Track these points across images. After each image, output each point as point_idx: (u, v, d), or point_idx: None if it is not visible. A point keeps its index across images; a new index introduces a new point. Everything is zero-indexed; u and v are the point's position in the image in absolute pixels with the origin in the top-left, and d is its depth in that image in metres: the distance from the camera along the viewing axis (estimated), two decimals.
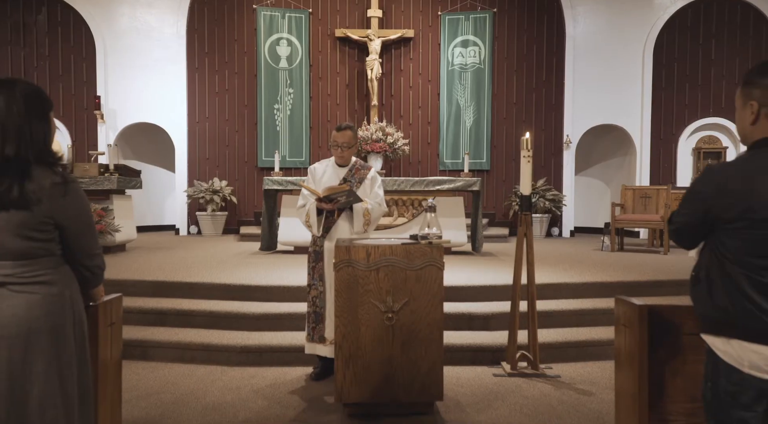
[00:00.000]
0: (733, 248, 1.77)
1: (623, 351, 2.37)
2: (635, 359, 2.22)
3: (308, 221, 3.79)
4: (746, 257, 1.74)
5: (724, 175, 1.78)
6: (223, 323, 4.67)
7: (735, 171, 1.77)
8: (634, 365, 2.24)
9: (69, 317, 1.87)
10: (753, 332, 1.72)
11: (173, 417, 3.28)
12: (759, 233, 1.71)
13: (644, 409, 2.24)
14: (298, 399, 3.58)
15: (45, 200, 1.79)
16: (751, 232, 1.72)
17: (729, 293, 1.77)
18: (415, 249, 3.26)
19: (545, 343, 4.36)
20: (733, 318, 1.75)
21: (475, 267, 6.15)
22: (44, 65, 10.11)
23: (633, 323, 2.20)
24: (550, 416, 3.35)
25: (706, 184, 1.82)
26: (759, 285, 1.71)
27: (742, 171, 1.76)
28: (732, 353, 1.74)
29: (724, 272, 1.79)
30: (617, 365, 2.44)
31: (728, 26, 10.07)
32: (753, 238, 1.72)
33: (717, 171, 1.82)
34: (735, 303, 1.75)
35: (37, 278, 1.81)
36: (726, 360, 1.76)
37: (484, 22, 10.48)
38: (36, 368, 1.78)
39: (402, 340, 3.25)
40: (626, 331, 2.27)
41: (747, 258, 1.74)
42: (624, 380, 2.38)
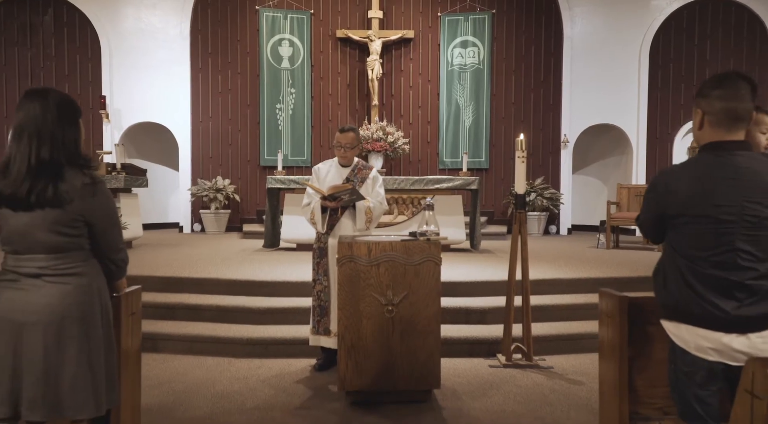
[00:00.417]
0: (679, 242, 1.96)
1: (606, 342, 2.54)
2: (616, 348, 2.40)
3: (313, 218, 3.97)
4: (689, 250, 1.93)
5: (672, 177, 1.98)
6: (230, 317, 4.85)
7: (681, 173, 1.96)
8: (616, 354, 2.41)
9: (97, 306, 2.05)
10: (697, 318, 1.91)
11: (185, 404, 3.46)
12: (698, 228, 1.89)
13: (624, 395, 2.41)
14: (303, 388, 3.77)
15: (76, 200, 1.97)
16: (692, 227, 1.91)
17: (677, 283, 1.96)
18: (414, 245, 3.44)
19: (539, 336, 4.54)
20: (682, 305, 1.94)
21: (473, 264, 6.33)
22: (50, 65, 10.29)
23: (614, 314, 2.38)
24: (541, 403, 3.53)
25: (658, 185, 2.03)
26: (700, 275, 1.90)
27: (687, 173, 1.95)
28: (682, 336, 1.93)
29: (674, 264, 1.98)
30: (601, 355, 2.61)
31: (723, 27, 10.23)
32: (694, 233, 1.91)
33: (666, 173, 2.03)
34: (682, 292, 1.94)
35: (69, 270, 2.00)
36: (678, 344, 1.96)
37: (483, 23, 10.64)
38: (68, 352, 1.97)
39: (401, 331, 3.43)
40: (608, 321, 2.45)
41: (690, 251, 1.93)
42: (606, 368, 2.55)
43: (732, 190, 1.87)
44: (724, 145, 1.93)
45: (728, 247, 1.87)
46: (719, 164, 1.90)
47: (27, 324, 1.94)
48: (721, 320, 1.87)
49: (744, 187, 1.87)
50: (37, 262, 1.97)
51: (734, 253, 1.86)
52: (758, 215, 1.86)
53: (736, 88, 1.92)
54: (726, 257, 1.87)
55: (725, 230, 1.87)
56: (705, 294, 1.89)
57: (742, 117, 1.93)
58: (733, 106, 1.92)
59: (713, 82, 1.97)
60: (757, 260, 1.87)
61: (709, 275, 1.89)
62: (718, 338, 1.87)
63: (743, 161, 1.90)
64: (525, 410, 3.42)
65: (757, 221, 1.86)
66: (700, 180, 1.90)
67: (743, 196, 1.86)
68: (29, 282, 1.97)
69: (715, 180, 1.88)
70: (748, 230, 1.86)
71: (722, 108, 1.93)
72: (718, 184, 1.88)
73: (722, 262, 1.88)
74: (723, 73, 2.01)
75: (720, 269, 1.88)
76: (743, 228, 1.86)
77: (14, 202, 1.94)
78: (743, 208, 1.86)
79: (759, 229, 1.87)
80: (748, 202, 1.86)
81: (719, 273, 1.88)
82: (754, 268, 1.86)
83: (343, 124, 10.44)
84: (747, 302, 1.86)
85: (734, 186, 1.87)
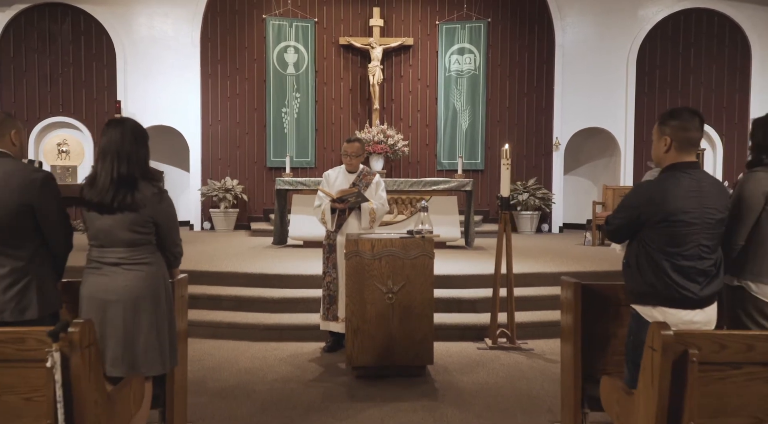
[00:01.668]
0: (656, 241, 2.48)
1: (565, 326, 3.09)
2: (572, 324, 2.96)
3: (323, 218, 4.53)
4: (665, 247, 2.46)
5: (651, 191, 2.49)
6: (247, 306, 5.42)
7: (657, 188, 2.49)
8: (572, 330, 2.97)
9: (162, 288, 2.62)
10: (671, 300, 2.44)
11: (215, 377, 4.04)
12: (674, 230, 2.43)
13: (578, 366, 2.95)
14: (315, 365, 4.34)
15: (148, 205, 2.53)
16: (669, 229, 2.44)
17: (655, 273, 2.47)
18: (411, 242, 4.01)
19: (524, 322, 5.11)
20: (658, 291, 2.45)
21: (466, 259, 6.90)
22: (68, 72, 10.83)
23: (570, 297, 2.95)
24: (520, 378, 4.11)
25: (639, 197, 2.53)
26: (674, 267, 2.44)
27: (661, 188, 2.48)
28: (654, 316, 2.44)
29: (650, 258, 2.49)
30: (562, 335, 3.16)
31: (706, 36, 10.79)
32: (670, 233, 2.45)
33: (646, 188, 2.55)
34: (659, 280, 2.46)
35: (141, 260, 2.56)
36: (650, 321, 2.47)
37: (479, 31, 11.18)
38: (141, 322, 2.54)
39: (400, 315, 4.00)
40: (567, 303, 3.02)
41: (666, 248, 2.46)
42: (566, 346, 3.11)
43: (696, 200, 2.42)
44: (686, 166, 2.48)
45: (695, 243, 2.42)
46: (686, 180, 2.44)
47: (110, 302, 2.50)
48: (691, 300, 2.41)
49: (703, 197, 2.42)
50: (117, 253, 2.54)
51: (698, 248, 2.42)
52: (714, 218, 2.43)
53: (692, 121, 2.48)
54: (693, 252, 2.42)
55: (692, 230, 2.41)
56: (679, 281, 2.42)
57: (695, 143, 2.50)
58: (692, 135, 2.48)
59: (677, 115, 2.51)
60: (712, 252, 2.44)
61: (681, 265, 2.42)
62: (685, 314, 2.41)
63: (700, 178, 2.45)
64: (505, 383, 4.00)
65: (713, 223, 2.43)
66: (673, 193, 2.43)
67: (703, 204, 2.42)
68: (110, 269, 2.54)
69: (684, 193, 2.43)
70: (707, 230, 2.42)
71: (685, 137, 2.47)
72: (687, 196, 2.42)
73: (691, 255, 2.42)
74: (683, 108, 2.57)
75: (689, 260, 2.42)
76: (704, 228, 2.42)
77: (100, 208, 2.50)
78: (704, 214, 2.41)
79: (714, 228, 2.44)
80: (707, 209, 2.41)
81: (689, 264, 2.42)
82: (710, 258, 2.43)
83: (347, 131, 11.13)
84: (705, 285, 2.42)
85: (697, 197, 2.42)
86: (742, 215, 2.59)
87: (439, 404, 3.61)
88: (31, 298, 2.48)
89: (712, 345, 2.05)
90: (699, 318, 2.39)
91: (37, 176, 2.50)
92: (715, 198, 2.44)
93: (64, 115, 10.90)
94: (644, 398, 2.15)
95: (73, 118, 10.91)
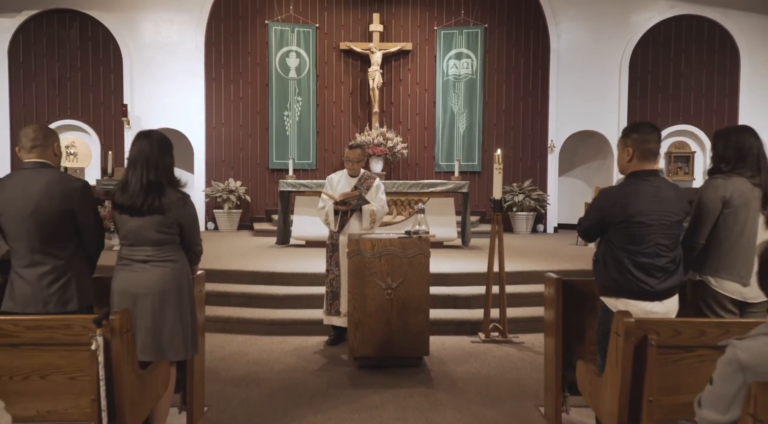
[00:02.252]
0: (619, 240, 2.79)
1: (548, 318, 3.40)
2: (554, 319, 3.26)
3: (327, 219, 4.84)
4: (627, 245, 2.77)
5: (615, 195, 2.81)
6: (254, 302, 5.73)
7: (619, 192, 2.81)
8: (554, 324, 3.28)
9: (185, 282, 2.93)
10: (633, 293, 2.74)
11: (227, 368, 4.35)
12: (634, 230, 2.73)
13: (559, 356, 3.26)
14: (319, 357, 4.65)
15: (173, 209, 2.84)
16: (630, 229, 2.75)
17: (617, 269, 2.78)
18: (408, 242, 4.32)
19: (515, 317, 5.42)
20: (621, 285, 2.76)
21: (463, 258, 7.21)
22: (76, 76, 11.13)
23: (552, 293, 3.25)
24: (510, 368, 4.42)
25: (604, 201, 2.85)
26: (635, 263, 2.74)
27: (623, 193, 2.80)
28: (619, 307, 2.74)
29: (613, 255, 2.81)
30: (546, 329, 3.47)
31: (696, 42, 11.10)
32: (630, 233, 2.75)
33: (610, 193, 2.87)
34: (621, 275, 2.77)
35: (167, 257, 2.87)
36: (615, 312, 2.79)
37: (476, 36, 11.48)
38: (167, 313, 2.84)
39: (398, 310, 4.31)
40: (549, 299, 3.32)
41: (627, 246, 2.76)
42: (548, 339, 3.41)
43: (654, 204, 2.73)
44: (646, 173, 2.79)
45: (653, 242, 2.72)
46: (645, 186, 2.75)
47: (139, 295, 2.81)
48: (649, 293, 2.72)
49: (661, 201, 2.73)
50: (145, 252, 2.84)
51: (657, 246, 2.73)
52: (670, 220, 2.74)
53: (651, 134, 2.79)
54: (651, 250, 2.73)
55: (651, 230, 2.72)
56: (639, 276, 2.72)
57: (654, 153, 2.81)
58: (651, 146, 2.79)
59: (638, 129, 2.82)
60: (669, 250, 2.74)
61: (641, 262, 2.73)
62: (644, 305, 2.71)
63: (658, 184, 2.76)
64: (496, 373, 4.31)
65: (670, 224, 2.73)
66: (636, 198, 2.74)
67: (661, 208, 2.72)
68: (140, 266, 2.84)
69: (644, 197, 2.73)
70: (664, 231, 2.73)
71: (645, 148, 2.78)
72: (646, 200, 2.73)
73: (649, 253, 2.73)
74: (643, 122, 2.88)
75: (648, 257, 2.72)
76: (661, 229, 2.72)
77: (131, 211, 2.81)
78: (661, 216, 2.72)
79: (671, 229, 2.75)
80: (664, 212, 2.72)
81: (648, 260, 2.72)
82: (667, 256, 2.74)
83: (347, 133, 11.44)
84: (663, 279, 2.73)
85: (655, 201, 2.73)
86: (702, 217, 2.90)
87: (434, 391, 3.92)
88: (72, 292, 2.78)
89: (668, 331, 2.35)
90: (658, 309, 2.69)
91: (76, 185, 2.80)
92: (672, 202, 2.74)
93: (72, 118, 11.20)
94: (610, 378, 2.45)
95: (80, 121, 11.21)
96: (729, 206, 2.84)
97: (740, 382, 1.67)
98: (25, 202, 2.70)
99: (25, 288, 2.76)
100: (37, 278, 2.75)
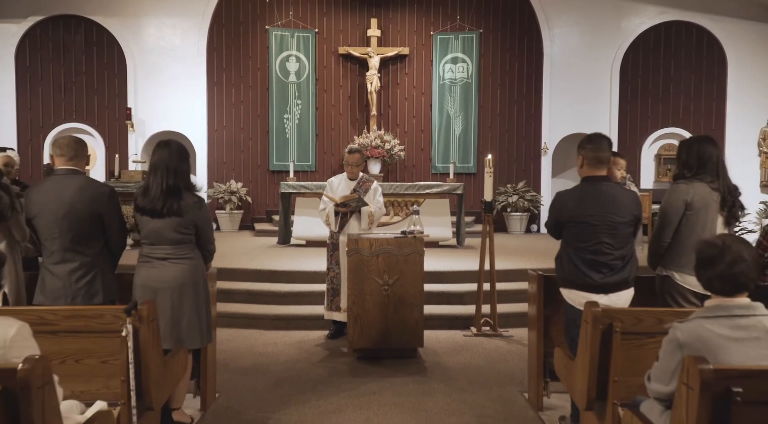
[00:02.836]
0: (570, 238, 3.13)
1: (531, 313, 3.70)
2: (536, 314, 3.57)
3: (328, 220, 5.14)
4: (575, 242, 3.10)
5: (565, 198, 3.15)
6: (258, 299, 6.03)
7: (569, 195, 3.15)
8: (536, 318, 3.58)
9: (201, 278, 3.23)
10: (580, 285, 3.08)
11: (234, 359, 4.65)
12: (580, 229, 3.05)
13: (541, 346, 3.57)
14: (321, 349, 4.96)
15: (190, 211, 3.14)
16: (577, 229, 3.07)
17: (569, 263, 3.12)
18: (404, 241, 4.62)
19: (505, 313, 5.72)
20: (571, 277, 3.10)
21: (457, 257, 7.51)
22: (81, 80, 11.42)
23: (534, 289, 3.56)
24: (499, 359, 4.73)
25: (556, 203, 3.20)
26: (582, 259, 3.07)
27: (573, 195, 3.14)
28: (571, 297, 3.09)
29: (567, 251, 3.15)
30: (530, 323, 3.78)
31: (685, 47, 11.43)
32: (578, 232, 3.08)
33: (560, 196, 3.21)
34: (572, 269, 3.10)
35: (184, 255, 3.17)
36: (568, 302, 3.13)
37: (471, 41, 11.79)
38: (185, 305, 3.14)
39: (394, 305, 4.61)
40: (531, 295, 3.63)
41: (576, 243, 3.09)
42: (531, 332, 3.72)
43: (599, 206, 3.04)
44: (595, 179, 3.11)
45: (597, 241, 3.04)
46: (592, 190, 3.08)
47: (160, 289, 3.11)
48: (592, 286, 3.04)
49: (606, 204, 3.04)
50: (165, 250, 3.14)
51: (601, 244, 3.04)
52: (614, 221, 3.04)
53: (601, 144, 3.11)
54: (596, 247, 3.04)
55: (595, 230, 3.04)
56: (585, 270, 3.05)
57: (603, 161, 3.11)
58: (599, 155, 3.10)
59: (591, 140, 3.14)
60: (614, 248, 3.05)
61: (586, 258, 3.05)
62: (587, 296, 3.02)
63: (606, 188, 3.08)
64: (486, 363, 4.62)
65: (613, 224, 3.04)
66: (581, 200, 3.07)
67: (605, 209, 3.04)
68: (159, 263, 3.14)
69: (590, 200, 3.06)
70: (608, 230, 3.04)
71: (594, 156, 3.11)
72: (591, 203, 3.05)
73: (594, 250, 3.04)
74: (596, 133, 3.20)
75: (593, 254, 3.04)
76: (606, 229, 3.04)
77: (153, 213, 3.11)
78: (605, 217, 3.03)
79: (615, 229, 3.05)
80: (608, 213, 3.04)
81: (592, 257, 3.05)
82: (611, 253, 3.04)
83: (346, 136, 11.74)
84: (608, 275, 3.04)
85: (600, 204, 3.05)
86: (667, 218, 3.21)
87: (428, 380, 4.23)
88: (98, 287, 3.09)
89: (631, 319, 2.66)
90: (602, 301, 2.96)
91: (105, 190, 3.11)
92: (619, 206, 3.04)
93: (78, 121, 11.48)
94: (581, 362, 2.76)
95: (85, 124, 11.49)
96: (691, 208, 3.15)
97: (679, 357, 1.97)
98: (59, 205, 3.00)
99: (56, 283, 3.06)
100: (68, 273, 3.05)
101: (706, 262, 2.04)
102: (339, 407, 3.70)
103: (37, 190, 3.09)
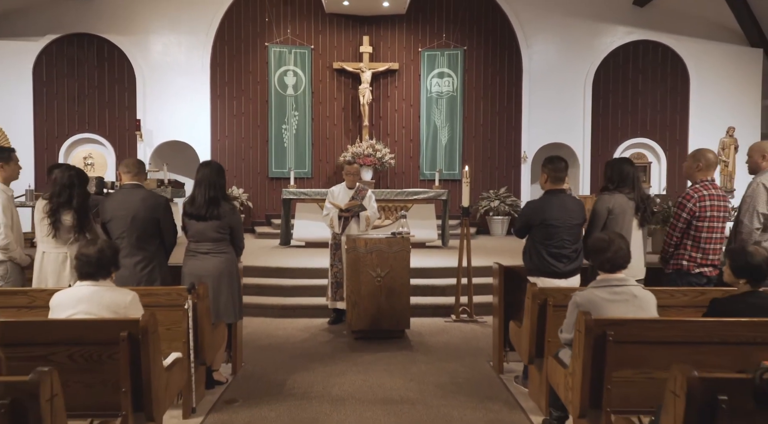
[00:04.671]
0: (538, 236, 4.05)
1: (494, 303, 4.63)
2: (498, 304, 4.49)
3: (332, 223, 6.06)
4: (543, 240, 4.02)
5: (536, 206, 4.08)
6: (267, 292, 6.91)
7: (539, 204, 4.07)
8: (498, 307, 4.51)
9: (234, 268, 4.14)
10: (547, 273, 3.99)
11: (253, 340, 5.54)
12: (547, 229, 3.97)
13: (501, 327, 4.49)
14: (324, 332, 5.87)
15: (226, 216, 4.05)
16: (545, 229, 4.00)
17: (537, 256, 4.04)
18: (393, 241, 5.54)
19: (481, 303, 6.64)
20: (539, 267, 4.01)
21: (441, 256, 8.44)
22: (94, 93, 12.25)
23: (497, 282, 4.48)
24: (472, 338, 5.66)
25: (528, 209, 4.14)
26: (548, 252, 3.99)
27: (541, 204, 4.06)
28: (539, 283, 3.99)
29: (534, 247, 4.07)
30: (493, 311, 4.70)
31: (651, 64, 12.47)
32: (545, 232, 4.01)
33: (531, 204, 4.15)
34: (541, 261, 4.02)
35: (222, 250, 4.08)
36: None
37: (456, 57, 12.75)
38: (223, 289, 4.04)
39: (386, 293, 5.52)
40: (495, 287, 4.55)
41: (543, 241, 4.02)
42: (495, 318, 4.65)
43: (560, 212, 3.98)
44: (556, 191, 4.05)
45: (559, 238, 3.97)
46: (555, 200, 4.01)
47: (204, 276, 4.01)
48: (557, 273, 3.98)
49: (565, 210, 3.99)
50: (207, 246, 4.04)
51: (563, 241, 3.97)
52: (572, 223, 3.99)
53: (560, 165, 4.05)
54: (559, 243, 3.97)
55: (558, 230, 3.97)
56: (550, 261, 3.97)
57: (562, 179, 4.06)
58: (559, 174, 4.05)
59: (552, 161, 4.08)
60: (572, 243, 4.00)
61: (552, 252, 3.98)
62: (554, 281, 3.96)
63: (564, 199, 4.03)
64: (461, 342, 5.55)
65: (572, 226, 3.99)
66: (547, 207, 4.00)
67: (565, 215, 3.98)
68: (203, 256, 4.04)
69: (553, 207, 3.99)
70: (567, 230, 3.98)
71: (555, 175, 4.05)
72: (554, 209, 3.98)
73: (558, 245, 3.97)
74: (555, 156, 4.14)
75: (557, 248, 3.97)
76: (566, 229, 3.97)
77: (198, 217, 4.01)
78: (565, 220, 3.98)
79: (573, 229, 4.00)
80: (567, 217, 3.97)
81: (557, 250, 3.97)
82: (570, 247, 3.99)
83: (340, 145, 12.66)
84: (567, 264, 3.98)
85: (561, 210, 3.99)
86: (595, 221, 4.15)
87: (413, 353, 5.15)
88: (156, 275, 3.98)
89: (560, 296, 3.59)
90: (563, 285, 3.92)
91: (161, 201, 4.00)
92: (574, 211, 4.00)
93: (90, 131, 12.31)
94: (525, 328, 3.69)
95: (97, 135, 12.32)
96: (612, 214, 4.09)
97: (576, 314, 2.91)
98: (127, 211, 3.90)
99: (123, 272, 3.94)
100: (133, 264, 3.94)
101: (598, 250, 2.98)
102: (341, 372, 4.61)
103: (110, 200, 3.99)
